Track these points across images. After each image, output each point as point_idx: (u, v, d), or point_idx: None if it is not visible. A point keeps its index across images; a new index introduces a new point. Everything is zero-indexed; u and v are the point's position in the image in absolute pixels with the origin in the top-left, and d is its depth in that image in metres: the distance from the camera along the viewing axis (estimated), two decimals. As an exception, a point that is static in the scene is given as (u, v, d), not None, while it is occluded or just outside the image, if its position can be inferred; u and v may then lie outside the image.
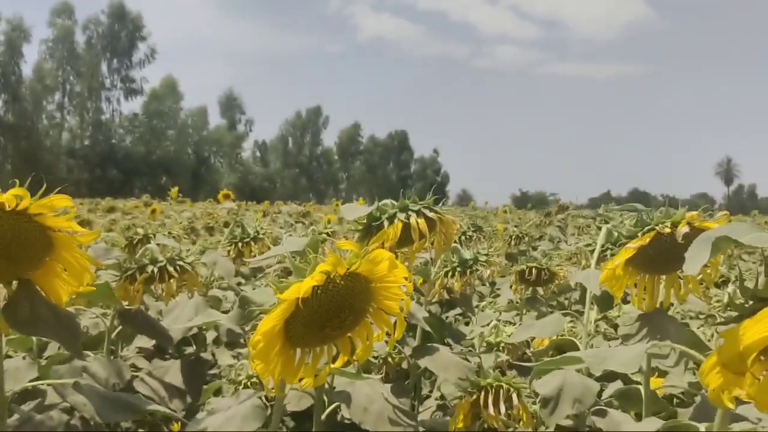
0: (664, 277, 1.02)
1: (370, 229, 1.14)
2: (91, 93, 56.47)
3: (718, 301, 1.95)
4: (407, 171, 77.42)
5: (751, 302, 0.57)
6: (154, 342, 1.79)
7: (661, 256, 0.95)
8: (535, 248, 4.42)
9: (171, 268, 1.46)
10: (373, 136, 76.93)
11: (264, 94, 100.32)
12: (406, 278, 0.79)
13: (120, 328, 1.53)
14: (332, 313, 0.74)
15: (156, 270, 1.45)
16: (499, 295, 2.92)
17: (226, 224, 5.10)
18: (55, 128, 56.08)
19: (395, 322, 0.83)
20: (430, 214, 1.13)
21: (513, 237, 3.17)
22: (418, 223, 1.09)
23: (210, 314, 1.34)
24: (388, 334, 0.85)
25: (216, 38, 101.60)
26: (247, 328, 1.31)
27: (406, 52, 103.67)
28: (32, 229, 0.78)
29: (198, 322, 1.61)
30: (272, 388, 0.78)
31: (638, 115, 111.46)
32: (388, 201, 1.16)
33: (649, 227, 0.95)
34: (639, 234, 0.95)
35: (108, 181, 53.07)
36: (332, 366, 0.82)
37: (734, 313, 0.59)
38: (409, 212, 1.11)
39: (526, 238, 3.18)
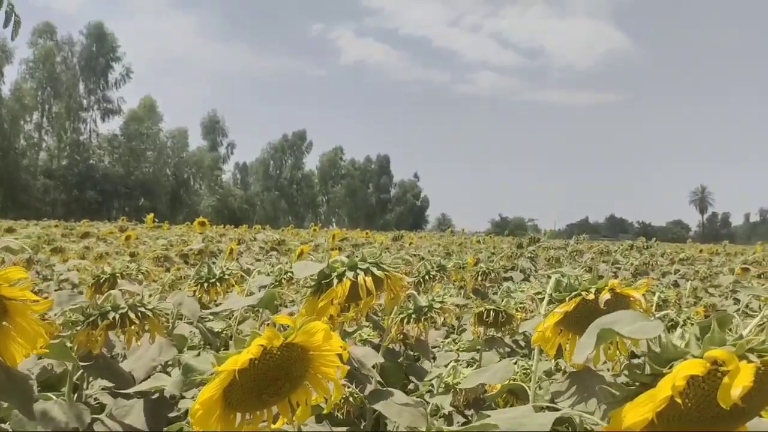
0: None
1: (320, 286, 1.19)
2: (69, 113, 56.14)
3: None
4: (387, 195, 77.72)
5: (636, 385, 0.62)
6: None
7: (587, 319, 1.01)
8: (507, 278, 4.51)
9: (132, 315, 1.50)
10: (353, 159, 77.27)
11: (246, 116, 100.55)
12: (342, 347, 0.84)
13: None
14: (269, 381, 0.79)
15: (118, 317, 1.49)
16: (464, 330, 2.97)
17: (201, 252, 5.12)
18: (33, 148, 55.60)
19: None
20: (378, 273, 1.18)
21: (480, 273, 3.23)
22: (365, 282, 1.15)
23: (159, 378, 1.37)
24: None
25: (200, 61, 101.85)
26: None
27: (389, 77, 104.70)
28: (-13, 298, 0.82)
29: (161, 361, 1.66)
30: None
31: (616, 143, 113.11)
32: (338, 259, 1.21)
33: (575, 293, 1.01)
34: (566, 299, 1.02)
35: (85, 202, 52.58)
36: (273, 426, 0.87)
37: (620, 392, 0.65)
38: (358, 271, 1.17)
39: (493, 274, 3.24)
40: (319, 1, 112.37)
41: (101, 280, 2.21)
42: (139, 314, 1.51)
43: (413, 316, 1.66)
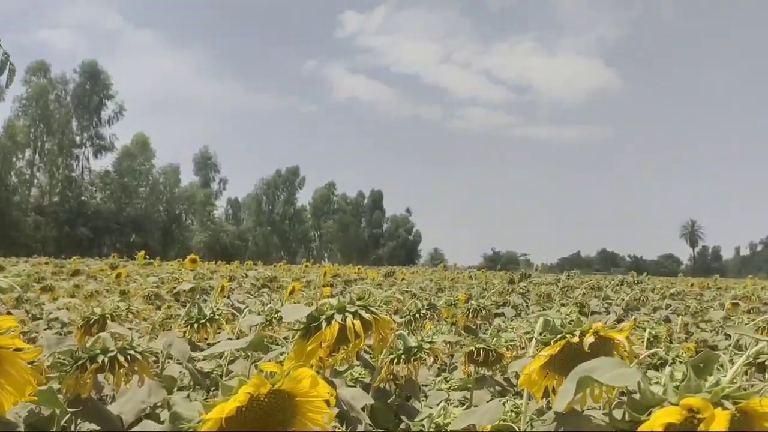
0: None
1: (309, 329, 1.20)
2: (61, 150, 56.23)
3: (656, 383, 2.02)
4: (379, 230, 77.76)
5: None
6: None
7: (573, 362, 1.02)
8: (499, 315, 4.51)
9: (122, 358, 1.50)
10: (345, 194, 77.48)
11: (238, 151, 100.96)
12: (329, 392, 0.85)
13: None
14: (257, 428, 0.80)
15: (107, 360, 1.49)
16: (456, 368, 2.97)
17: (192, 290, 5.09)
18: (24, 185, 55.52)
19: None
20: (367, 316, 1.19)
21: (471, 310, 3.24)
22: (354, 325, 1.16)
23: (146, 425, 1.38)
24: None
25: (193, 97, 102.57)
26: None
27: (381, 113, 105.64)
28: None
29: (151, 403, 1.65)
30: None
31: (606, 177, 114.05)
32: (326, 301, 1.23)
33: (560, 336, 1.03)
34: (552, 342, 1.03)
35: (76, 238, 52.34)
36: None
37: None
38: (346, 314, 1.18)
39: (484, 312, 3.24)
40: (311, 39, 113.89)
41: (91, 321, 2.21)
42: (129, 357, 1.51)
43: (403, 356, 1.67)
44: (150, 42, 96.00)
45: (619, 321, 4.52)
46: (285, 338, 2.69)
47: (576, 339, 1.00)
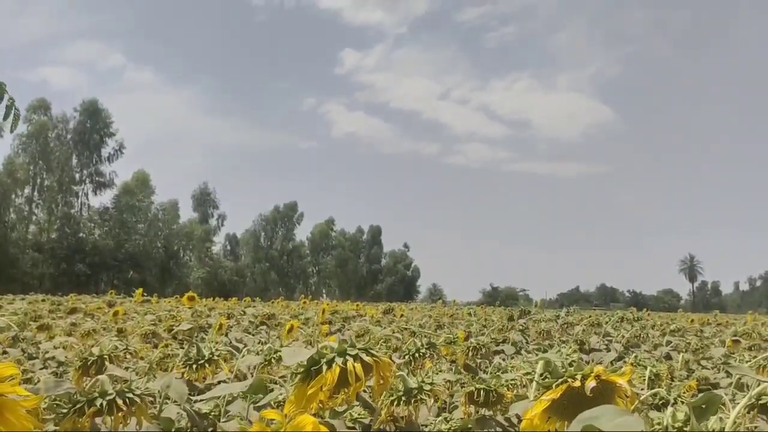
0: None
1: (310, 372, 1.20)
2: (60, 187, 56.40)
3: (658, 424, 2.01)
4: (378, 265, 77.61)
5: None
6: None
7: (575, 406, 1.02)
8: (498, 352, 4.48)
9: (120, 401, 1.49)
10: (344, 230, 77.51)
11: (237, 187, 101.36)
12: (330, 439, 0.85)
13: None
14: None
15: (105, 404, 1.48)
16: (456, 407, 2.94)
17: (191, 330, 5.08)
18: (22, 222, 55.52)
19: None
20: (367, 359, 1.19)
21: (470, 348, 3.22)
22: (354, 368, 1.16)
23: None
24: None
25: (192, 134, 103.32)
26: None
27: (380, 149, 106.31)
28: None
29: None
30: None
31: (604, 212, 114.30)
32: (327, 344, 1.22)
33: (561, 380, 1.03)
34: (553, 385, 1.03)
35: (73, 275, 52.16)
36: None
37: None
38: (347, 357, 1.18)
39: (483, 350, 3.23)
40: (311, 76, 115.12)
41: (89, 362, 2.19)
42: (127, 400, 1.50)
43: (403, 398, 1.66)
44: (150, 79, 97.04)
45: (619, 358, 4.49)
46: (282, 377, 2.67)
47: (578, 383, 1.00)
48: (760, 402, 1.62)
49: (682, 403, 1.99)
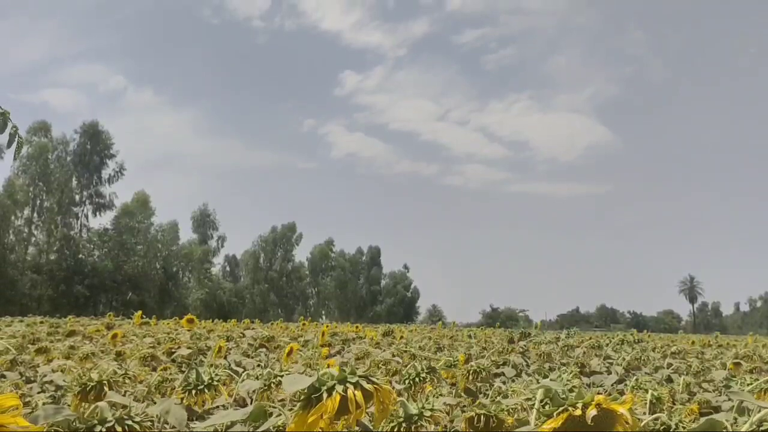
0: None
1: (310, 400, 1.20)
2: (60, 208, 56.44)
3: (660, 450, 2.00)
4: (377, 287, 77.43)
5: None
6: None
7: (577, 434, 1.02)
8: (498, 374, 4.46)
9: (119, 429, 1.48)
10: (343, 251, 77.41)
11: (237, 208, 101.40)
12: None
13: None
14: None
15: (104, 431, 1.47)
16: (457, 431, 2.93)
17: (190, 354, 5.07)
18: (21, 243, 55.48)
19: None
20: (368, 386, 1.19)
21: (471, 372, 3.21)
22: (355, 396, 1.16)
23: None
24: None
25: (192, 155, 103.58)
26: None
27: (379, 170, 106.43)
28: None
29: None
30: None
31: (603, 233, 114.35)
32: (327, 371, 1.22)
33: (562, 408, 1.03)
34: (554, 414, 1.03)
35: (72, 296, 52.02)
36: None
37: None
38: (348, 384, 1.18)
39: (484, 373, 3.21)
40: (311, 97, 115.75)
41: (87, 388, 2.18)
42: (126, 427, 1.50)
43: (403, 424, 1.65)
44: (150, 100, 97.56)
45: (620, 381, 4.47)
46: (282, 401, 2.66)
47: (579, 412, 1.00)
48: (761, 429, 1.62)
49: (684, 428, 1.98)
